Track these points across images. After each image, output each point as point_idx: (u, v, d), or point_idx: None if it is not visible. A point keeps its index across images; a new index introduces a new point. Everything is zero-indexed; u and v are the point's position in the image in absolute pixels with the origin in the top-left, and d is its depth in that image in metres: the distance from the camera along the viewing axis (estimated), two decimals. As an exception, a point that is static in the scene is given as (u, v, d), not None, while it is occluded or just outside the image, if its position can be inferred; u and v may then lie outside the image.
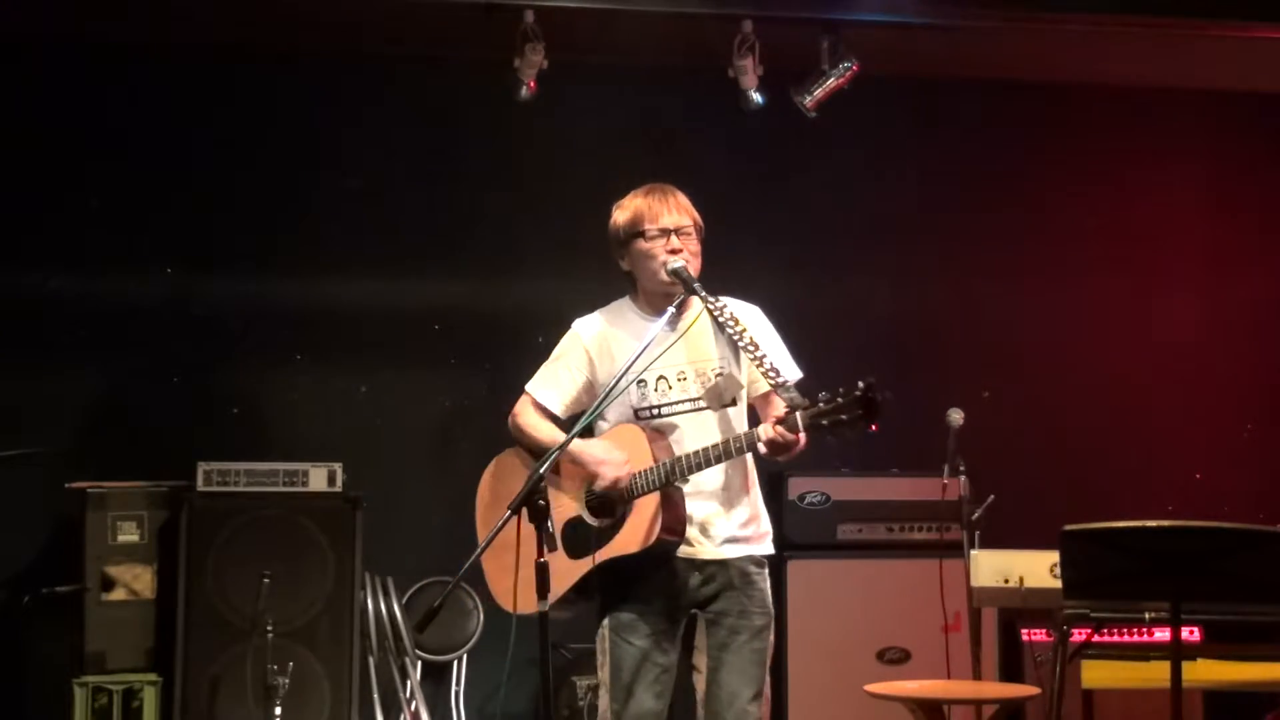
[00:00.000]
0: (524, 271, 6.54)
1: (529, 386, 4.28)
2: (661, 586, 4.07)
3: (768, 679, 4.11)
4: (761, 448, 3.88)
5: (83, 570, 5.74)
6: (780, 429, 3.82)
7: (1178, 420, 6.98)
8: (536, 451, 4.16)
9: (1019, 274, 6.99)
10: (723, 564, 4.09)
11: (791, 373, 4.06)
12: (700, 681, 4.09)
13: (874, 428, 3.74)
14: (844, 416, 3.74)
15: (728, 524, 4.10)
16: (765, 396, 4.15)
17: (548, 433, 4.17)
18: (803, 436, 3.85)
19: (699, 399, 4.11)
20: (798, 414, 3.79)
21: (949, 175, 6.96)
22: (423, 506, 6.34)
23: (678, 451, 4.03)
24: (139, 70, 6.36)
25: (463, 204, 6.60)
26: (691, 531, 4.06)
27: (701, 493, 4.07)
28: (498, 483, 4.27)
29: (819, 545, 6.29)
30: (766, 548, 4.18)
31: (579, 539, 4.09)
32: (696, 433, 4.08)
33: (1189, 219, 7.15)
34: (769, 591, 4.16)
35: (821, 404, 3.78)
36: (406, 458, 6.49)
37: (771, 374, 3.87)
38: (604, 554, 4.02)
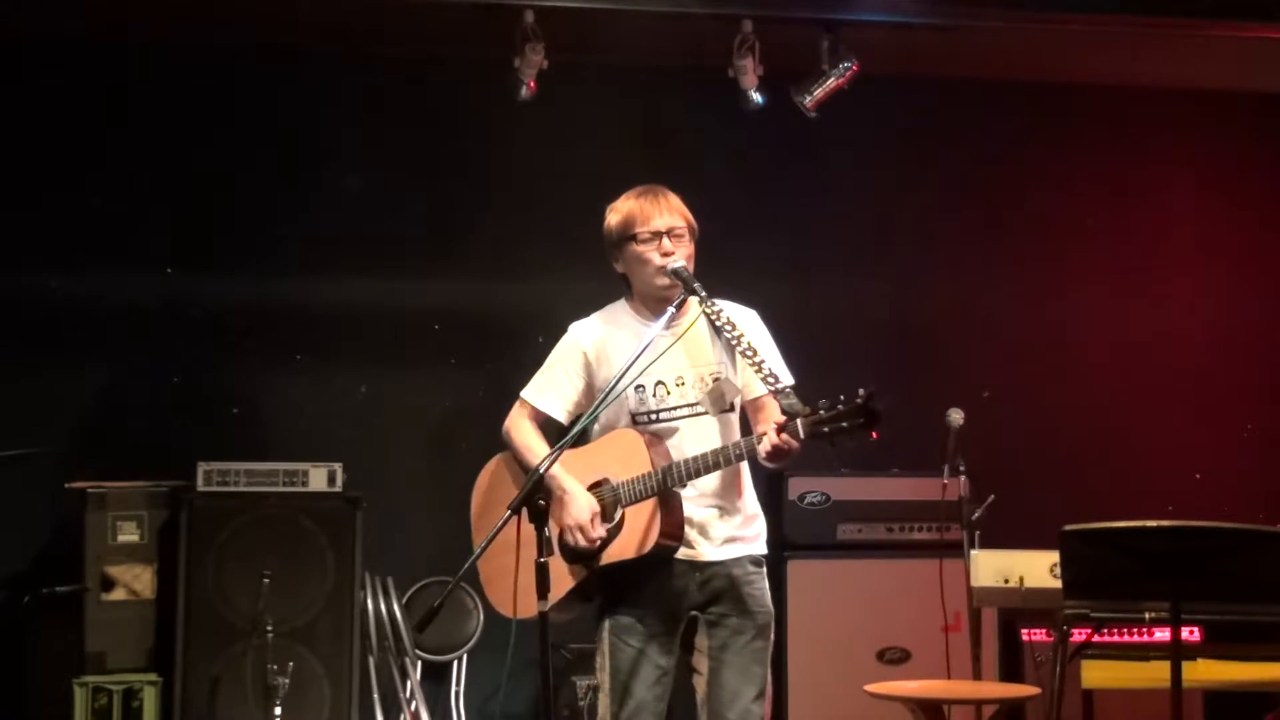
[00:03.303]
0: (524, 272, 6.53)
1: (526, 394, 4.21)
2: (662, 589, 4.05)
3: (769, 677, 4.12)
4: (762, 454, 3.85)
5: (83, 570, 5.74)
6: (784, 436, 3.79)
7: (1178, 420, 6.98)
8: (526, 470, 4.12)
9: (1019, 274, 6.99)
10: (723, 565, 4.08)
11: (785, 378, 4.00)
12: (700, 683, 4.07)
13: (874, 435, 3.74)
14: (845, 424, 3.72)
15: (726, 525, 4.09)
16: (756, 402, 4.12)
17: (539, 453, 4.09)
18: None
19: (697, 404, 4.08)
20: (799, 421, 3.77)
21: (949, 175, 6.95)
22: (423, 506, 6.33)
23: (676, 456, 4.00)
24: (140, 70, 6.36)
25: (462, 204, 6.60)
26: (691, 533, 4.04)
27: (700, 495, 4.05)
28: (493, 487, 4.24)
29: (819, 545, 6.28)
30: (763, 547, 4.17)
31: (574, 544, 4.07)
32: (696, 437, 4.05)
33: (1189, 219, 7.15)
34: (768, 590, 4.15)
35: (822, 411, 3.75)
36: (406, 458, 6.48)
37: (770, 379, 3.84)
38: (602, 559, 4.01)
